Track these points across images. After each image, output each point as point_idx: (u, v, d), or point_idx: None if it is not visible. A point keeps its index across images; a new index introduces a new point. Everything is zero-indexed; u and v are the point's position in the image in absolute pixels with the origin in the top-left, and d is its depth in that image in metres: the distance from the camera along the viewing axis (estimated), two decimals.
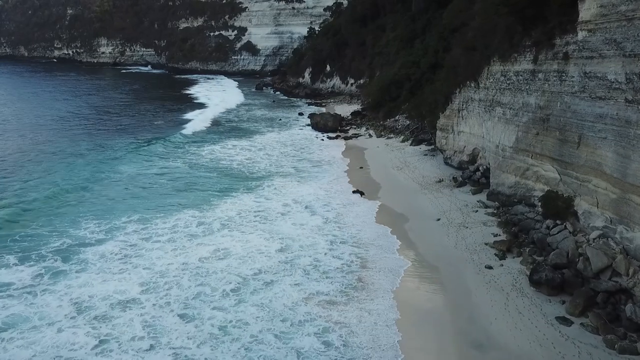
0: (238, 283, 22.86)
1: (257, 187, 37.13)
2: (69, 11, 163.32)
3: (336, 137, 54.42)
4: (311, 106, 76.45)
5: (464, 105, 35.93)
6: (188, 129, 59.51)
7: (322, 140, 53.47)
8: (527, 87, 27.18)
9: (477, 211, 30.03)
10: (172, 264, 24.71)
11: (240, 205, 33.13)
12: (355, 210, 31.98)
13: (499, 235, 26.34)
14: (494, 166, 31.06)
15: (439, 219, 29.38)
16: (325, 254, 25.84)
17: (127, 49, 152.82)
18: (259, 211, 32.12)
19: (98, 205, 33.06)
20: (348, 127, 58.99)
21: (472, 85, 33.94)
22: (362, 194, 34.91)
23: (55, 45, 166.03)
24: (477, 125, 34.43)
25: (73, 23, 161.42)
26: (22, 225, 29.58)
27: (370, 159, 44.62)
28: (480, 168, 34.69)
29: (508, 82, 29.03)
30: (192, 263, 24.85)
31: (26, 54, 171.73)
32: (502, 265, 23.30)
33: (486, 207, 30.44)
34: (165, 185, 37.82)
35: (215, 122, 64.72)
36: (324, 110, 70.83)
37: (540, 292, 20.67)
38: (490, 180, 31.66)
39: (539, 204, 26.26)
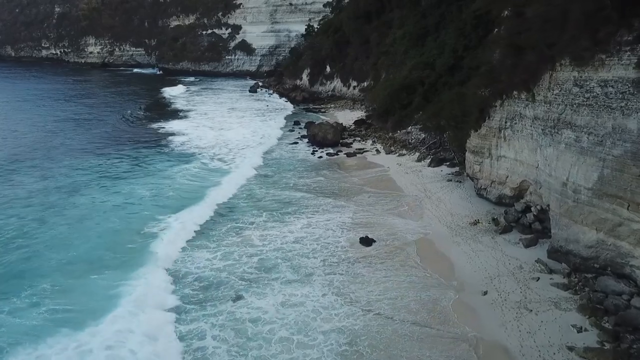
0: None
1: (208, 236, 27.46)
2: (57, 9, 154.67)
3: (336, 154, 45.33)
4: (310, 112, 67.51)
5: (508, 123, 26.93)
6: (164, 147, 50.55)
7: (320, 157, 44.16)
8: (624, 105, 18.17)
9: (538, 279, 20.96)
10: None
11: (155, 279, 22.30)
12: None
13: (585, 329, 17.38)
14: (559, 211, 22.06)
15: (485, 293, 20.41)
16: None
17: (116, 49, 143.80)
18: (208, 285, 21.75)
19: None
20: (351, 140, 50.03)
21: (523, 96, 24.92)
22: (369, 243, 25.93)
23: (42, 44, 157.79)
24: (528, 150, 25.43)
25: (61, 22, 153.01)
26: None
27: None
28: (533, 209, 25.68)
29: (587, 95, 19.97)
30: None
31: (13, 54, 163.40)
32: None
33: (551, 271, 21.41)
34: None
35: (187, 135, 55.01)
36: (324, 115, 61.84)
37: None
38: (552, 230, 22.66)
39: None
